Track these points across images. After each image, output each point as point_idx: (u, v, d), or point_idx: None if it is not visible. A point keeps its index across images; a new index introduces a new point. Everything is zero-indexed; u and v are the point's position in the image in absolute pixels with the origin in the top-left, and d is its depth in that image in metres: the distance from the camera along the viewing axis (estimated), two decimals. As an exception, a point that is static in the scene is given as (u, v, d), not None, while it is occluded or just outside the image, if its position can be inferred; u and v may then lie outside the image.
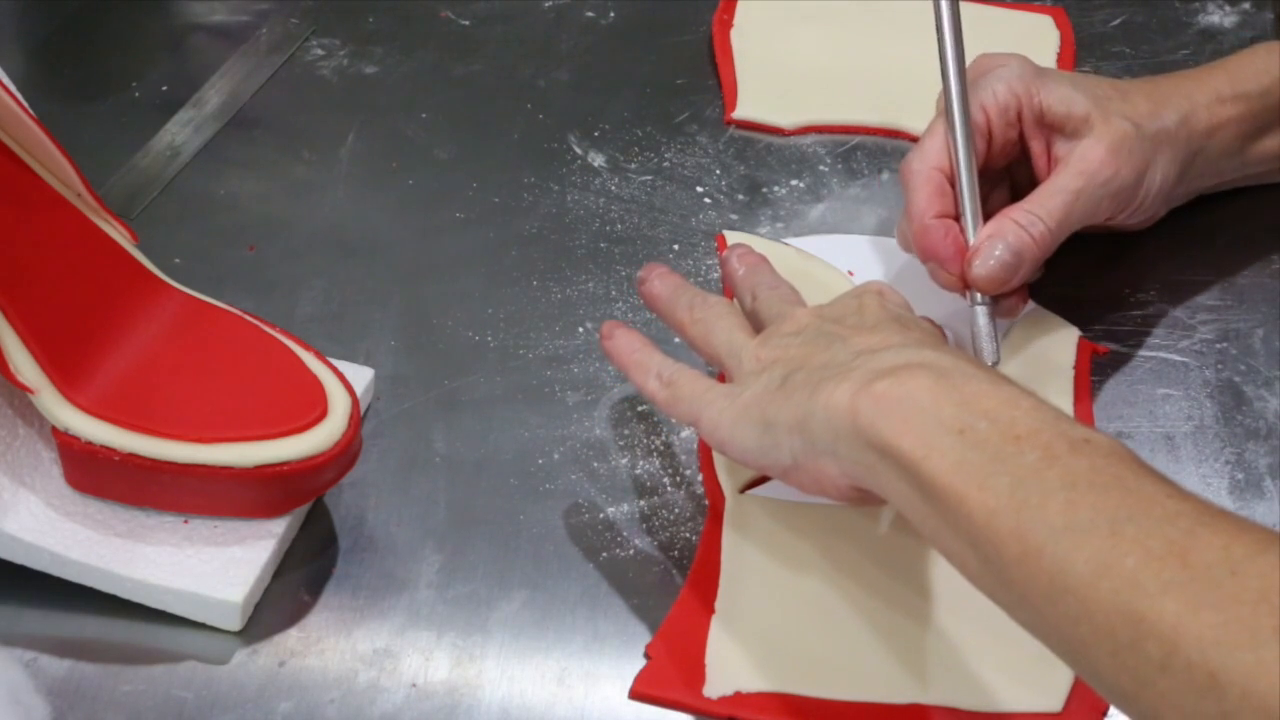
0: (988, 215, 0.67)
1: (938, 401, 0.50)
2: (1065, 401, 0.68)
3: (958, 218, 0.67)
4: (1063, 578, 0.44)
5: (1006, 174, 0.72)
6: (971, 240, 0.66)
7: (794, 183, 0.80)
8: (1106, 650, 0.43)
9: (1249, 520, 0.44)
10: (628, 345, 0.63)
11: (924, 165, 0.68)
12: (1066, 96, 0.68)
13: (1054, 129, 0.68)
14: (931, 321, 0.64)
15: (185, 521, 0.61)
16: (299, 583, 0.62)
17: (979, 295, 0.66)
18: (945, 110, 0.68)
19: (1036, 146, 0.69)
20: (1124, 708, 0.44)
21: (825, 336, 0.57)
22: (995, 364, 0.66)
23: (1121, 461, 0.47)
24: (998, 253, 0.65)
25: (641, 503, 0.64)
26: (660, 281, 0.65)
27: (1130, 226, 0.74)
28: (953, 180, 0.68)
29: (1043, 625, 0.46)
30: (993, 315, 0.66)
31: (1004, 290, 0.66)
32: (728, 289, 0.72)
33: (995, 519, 0.46)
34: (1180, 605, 0.41)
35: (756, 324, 0.62)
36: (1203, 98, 0.70)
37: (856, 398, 0.51)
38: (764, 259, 0.67)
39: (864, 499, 0.55)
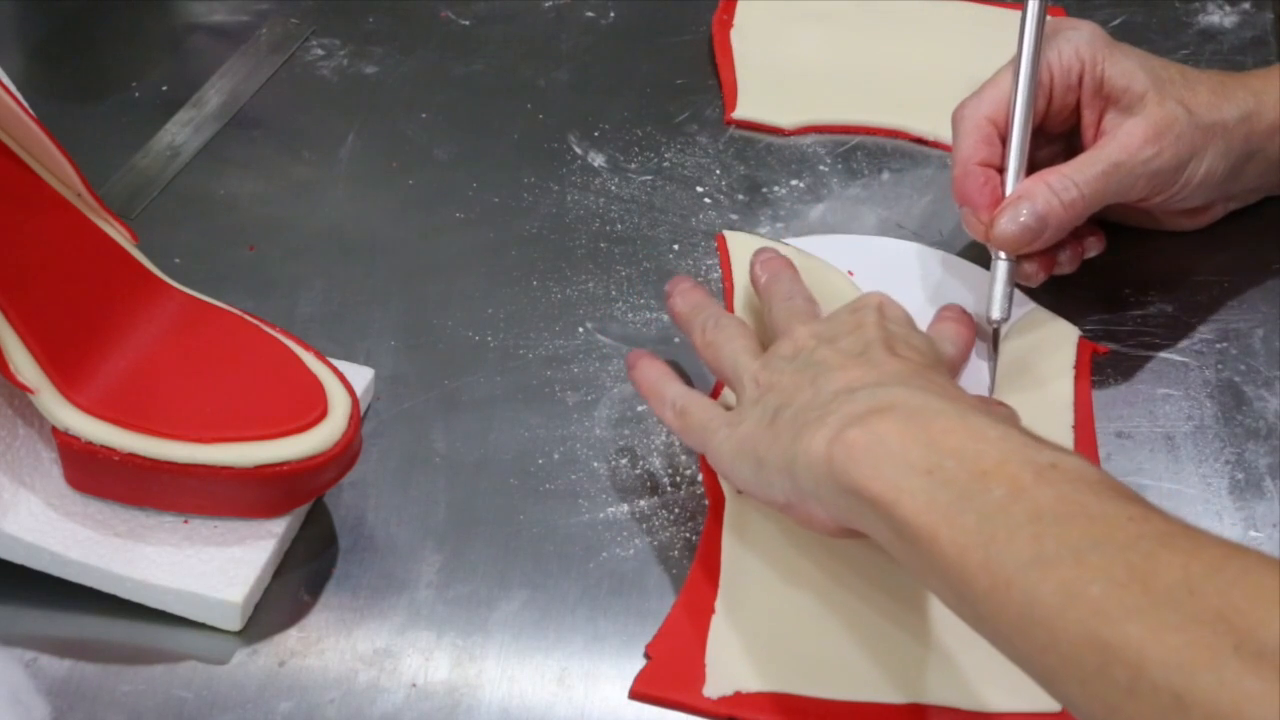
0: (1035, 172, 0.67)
1: (905, 444, 0.51)
2: (1065, 401, 0.68)
3: (1002, 169, 0.68)
4: (1031, 609, 0.45)
5: (1064, 141, 0.73)
6: (1008, 194, 0.67)
7: (794, 183, 0.80)
8: (1076, 678, 0.44)
9: (1209, 535, 0.45)
10: (646, 377, 0.64)
11: (975, 113, 0.69)
12: (1129, 71, 0.68)
13: (1110, 101, 0.69)
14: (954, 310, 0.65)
15: (185, 521, 0.61)
16: (299, 583, 0.62)
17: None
18: (1014, 61, 0.68)
19: (1089, 116, 0.70)
20: None
21: (813, 367, 0.58)
22: (1004, 319, 0.67)
23: (1088, 487, 0.47)
24: (1023, 215, 0.66)
25: (641, 503, 0.64)
26: (682, 299, 0.67)
27: (1185, 226, 0.74)
28: (1002, 132, 0.68)
29: (1016, 655, 0.47)
30: (1012, 273, 0.67)
31: (1024, 250, 0.67)
32: (728, 290, 0.72)
33: (965, 555, 0.47)
34: (1143, 629, 0.42)
35: (772, 334, 0.63)
36: (1271, 97, 0.70)
37: (831, 446, 0.52)
38: (787, 263, 0.68)
39: (855, 535, 0.55)
